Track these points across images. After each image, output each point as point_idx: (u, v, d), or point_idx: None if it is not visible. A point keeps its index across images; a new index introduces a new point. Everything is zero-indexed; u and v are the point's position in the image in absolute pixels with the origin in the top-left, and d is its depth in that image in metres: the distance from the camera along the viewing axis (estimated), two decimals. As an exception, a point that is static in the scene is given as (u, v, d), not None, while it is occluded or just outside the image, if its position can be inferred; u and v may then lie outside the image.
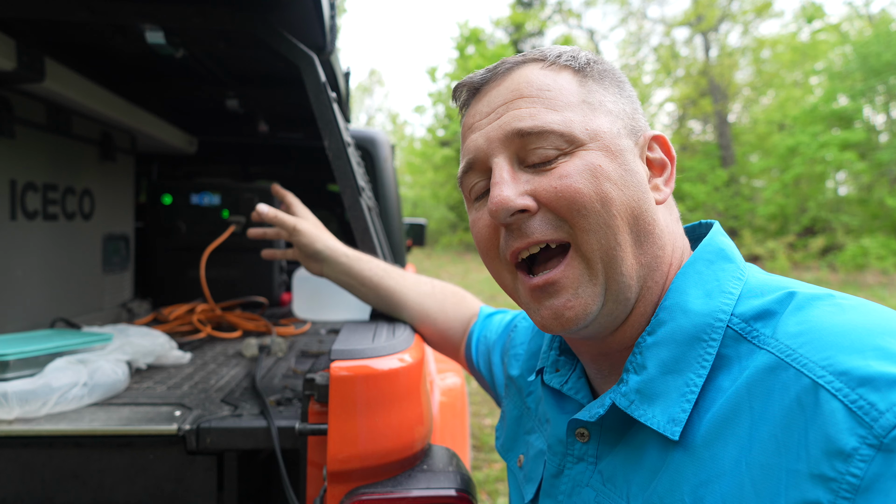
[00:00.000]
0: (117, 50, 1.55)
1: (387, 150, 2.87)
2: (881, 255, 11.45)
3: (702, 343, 0.58)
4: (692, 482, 0.54)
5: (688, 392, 0.57)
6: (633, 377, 0.62)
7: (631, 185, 0.63)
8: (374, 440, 0.84)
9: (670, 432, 0.56)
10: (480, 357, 1.10)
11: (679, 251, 0.68)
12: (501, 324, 1.07)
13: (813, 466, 0.46)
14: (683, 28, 20.03)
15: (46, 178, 1.51)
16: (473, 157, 0.69)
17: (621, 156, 0.64)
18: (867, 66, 12.71)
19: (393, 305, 1.15)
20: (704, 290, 0.61)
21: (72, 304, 1.63)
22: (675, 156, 0.71)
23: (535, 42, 22.64)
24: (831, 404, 0.46)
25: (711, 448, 0.54)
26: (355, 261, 1.15)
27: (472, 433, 4.10)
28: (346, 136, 1.35)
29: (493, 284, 11.76)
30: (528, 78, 0.67)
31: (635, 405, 0.60)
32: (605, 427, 0.66)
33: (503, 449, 0.93)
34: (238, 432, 0.93)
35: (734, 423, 0.53)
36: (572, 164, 0.62)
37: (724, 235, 0.68)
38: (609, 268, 0.62)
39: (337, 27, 1.49)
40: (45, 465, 0.92)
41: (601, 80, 0.68)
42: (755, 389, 0.52)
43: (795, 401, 0.49)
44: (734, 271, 0.63)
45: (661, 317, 0.62)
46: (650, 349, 0.61)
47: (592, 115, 0.65)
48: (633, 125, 0.68)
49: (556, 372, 0.77)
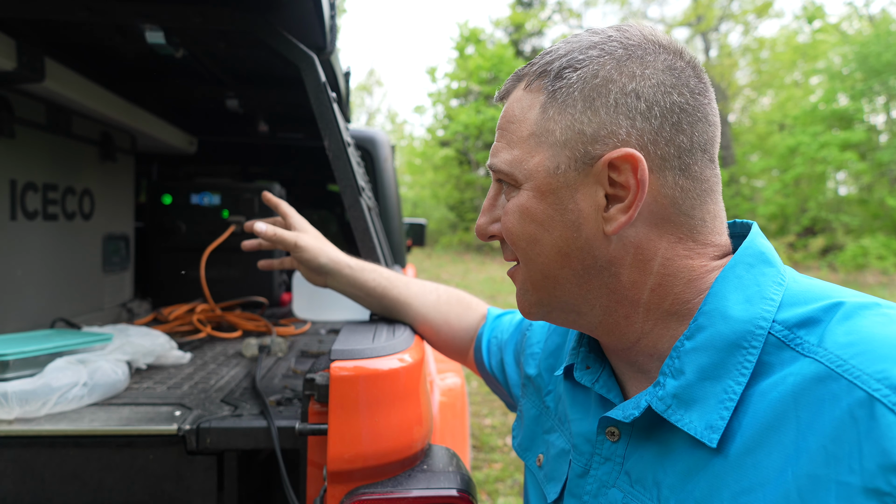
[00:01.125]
0: (117, 50, 1.55)
1: (387, 150, 2.87)
2: (881, 255, 11.46)
3: (742, 350, 0.57)
4: (733, 489, 0.53)
5: (726, 399, 0.56)
6: (671, 381, 0.61)
7: (558, 225, 0.65)
8: (374, 440, 0.84)
9: (708, 439, 0.56)
10: (493, 358, 1.09)
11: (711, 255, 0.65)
12: (512, 324, 1.06)
13: (867, 480, 0.45)
14: (684, 28, 20.03)
15: (46, 178, 1.51)
16: None
17: (552, 195, 0.64)
18: (867, 66, 12.71)
19: (399, 315, 1.15)
20: (745, 296, 0.60)
21: (72, 304, 1.63)
22: (644, 179, 0.60)
23: (535, 42, 22.65)
24: (888, 418, 0.46)
25: (753, 455, 0.53)
26: (359, 271, 1.13)
27: (472, 433, 4.09)
28: (346, 136, 1.35)
29: (493, 284, 11.77)
30: (510, 105, 0.71)
31: (672, 409, 0.60)
32: (636, 427, 0.66)
33: (521, 448, 0.92)
34: (238, 432, 0.93)
35: (779, 432, 0.52)
36: (513, 202, 0.68)
37: (763, 238, 0.67)
38: (543, 291, 0.69)
39: (337, 27, 1.49)
40: (45, 465, 0.92)
41: (568, 96, 0.63)
42: (802, 399, 0.52)
43: (848, 413, 0.48)
44: (775, 276, 0.62)
45: (701, 322, 0.61)
46: (689, 354, 0.61)
47: (535, 150, 0.65)
48: (586, 150, 0.62)
49: (587, 370, 0.76)
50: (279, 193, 2.14)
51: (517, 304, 0.75)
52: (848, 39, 14.55)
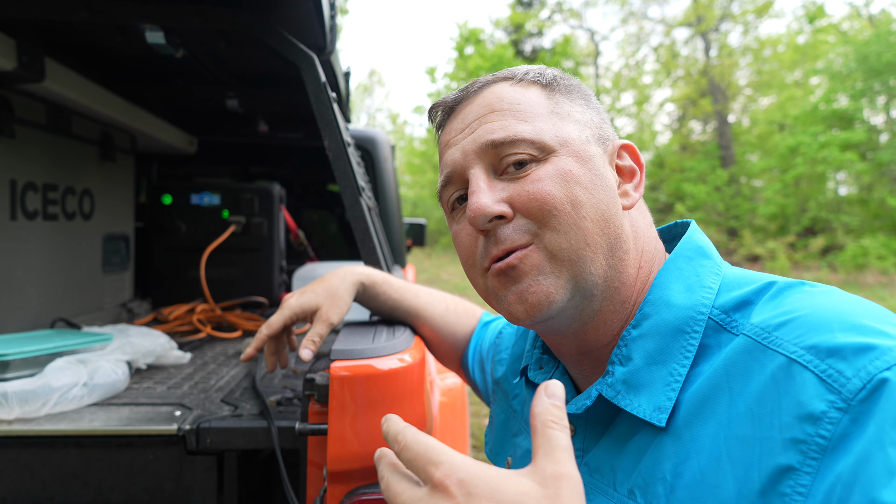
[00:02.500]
0: (117, 50, 1.55)
1: (387, 150, 2.87)
2: (881, 255, 11.45)
3: (685, 335, 0.61)
4: (673, 460, 0.56)
5: (672, 381, 0.60)
6: (619, 368, 0.64)
7: (600, 189, 0.66)
8: (374, 440, 0.84)
9: (657, 420, 0.59)
10: (475, 366, 1.10)
11: (650, 253, 0.70)
12: (494, 331, 1.08)
13: (785, 432, 0.49)
14: (684, 28, 20.04)
15: (46, 178, 1.51)
16: (451, 170, 0.72)
17: (590, 161, 0.67)
18: (867, 66, 12.71)
19: (409, 325, 1.13)
20: (686, 285, 0.65)
21: (72, 304, 1.63)
22: (644, 164, 0.74)
23: (534, 42, 22.64)
24: (803, 375, 0.50)
25: (691, 428, 0.56)
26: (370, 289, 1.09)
27: (472, 433, 4.09)
28: (346, 136, 1.35)
29: (493, 284, 11.74)
30: (498, 94, 0.71)
31: (622, 395, 0.63)
32: (590, 421, 0.68)
33: (492, 453, 0.93)
34: (238, 432, 0.93)
35: (713, 403, 0.55)
36: (544, 169, 0.65)
37: (701, 234, 0.72)
38: (576, 266, 0.64)
39: (337, 27, 1.49)
40: (45, 465, 0.92)
41: (568, 94, 0.72)
42: (732, 370, 0.55)
43: (770, 377, 0.52)
44: (712, 267, 0.67)
45: (646, 311, 0.65)
46: (635, 341, 0.64)
47: (561, 123, 0.68)
48: (601, 134, 0.71)
49: (541, 370, 0.79)
50: (279, 193, 2.14)
51: (528, 294, 0.64)
52: (848, 39, 14.55)
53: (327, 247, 3.41)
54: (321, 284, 1.04)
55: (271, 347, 1.04)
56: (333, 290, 1.02)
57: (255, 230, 2.08)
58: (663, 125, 21.30)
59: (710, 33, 18.93)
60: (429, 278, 12.63)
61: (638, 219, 0.71)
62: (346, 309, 1.03)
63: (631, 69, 21.63)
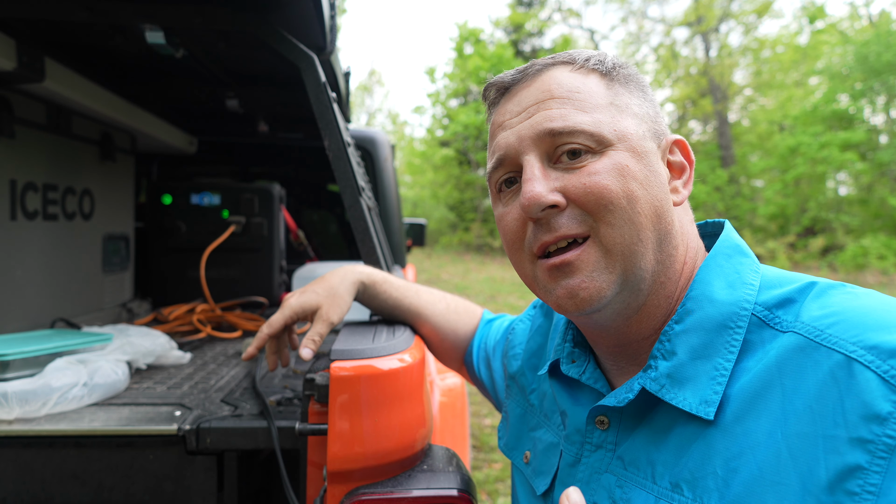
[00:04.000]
0: (117, 50, 1.55)
1: (387, 150, 2.87)
2: (882, 254, 11.45)
3: (729, 330, 0.62)
4: (724, 455, 0.57)
5: (718, 375, 0.60)
6: (663, 363, 0.64)
7: (654, 185, 0.66)
8: (374, 440, 0.84)
9: (704, 413, 0.59)
10: (481, 363, 1.10)
11: (693, 250, 0.71)
12: (500, 329, 1.08)
13: (851, 431, 0.49)
14: (684, 28, 20.04)
15: (46, 178, 1.51)
16: (504, 153, 0.71)
17: (646, 157, 0.67)
18: (867, 66, 12.70)
19: (410, 324, 1.13)
20: (727, 282, 0.65)
21: (72, 304, 1.63)
22: (695, 160, 0.74)
23: (534, 43, 22.63)
24: (865, 374, 0.50)
25: (742, 423, 0.57)
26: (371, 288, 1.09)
27: (472, 433, 4.10)
28: (346, 136, 1.35)
29: (492, 284, 11.77)
30: (558, 80, 0.70)
31: (666, 389, 0.63)
32: (626, 413, 0.68)
33: (507, 447, 0.93)
34: (238, 432, 0.93)
35: (765, 399, 0.56)
36: (601, 163, 0.65)
37: (736, 233, 0.73)
38: (628, 261, 0.64)
39: (337, 27, 1.49)
40: (45, 465, 0.92)
41: (627, 84, 0.72)
42: (785, 367, 0.56)
43: (829, 374, 0.52)
44: (751, 265, 0.68)
45: (689, 306, 0.65)
46: (679, 336, 0.64)
47: (620, 116, 0.68)
48: (656, 129, 0.71)
49: (573, 363, 0.79)
50: (279, 193, 2.14)
51: (579, 290, 0.64)
52: (848, 39, 14.54)
53: (327, 247, 3.41)
54: (321, 284, 1.04)
55: (272, 346, 1.04)
56: (334, 290, 1.02)
57: (255, 230, 2.08)
58: (663, 125, 21.26)
59: (710, 33, 18.92)
60: (429, 278, 12.64)
61: (683, 216, 0.71)
62: (347, 308, 1.03)
63: (631, 69, 21.57)
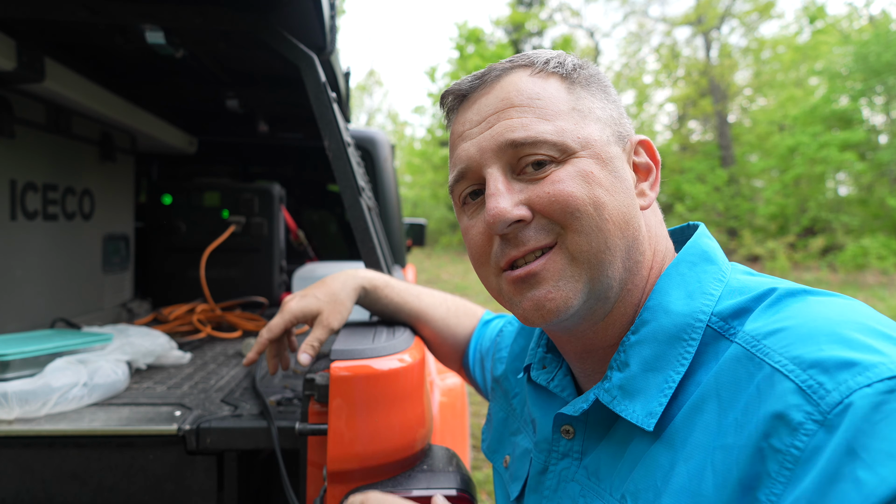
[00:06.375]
0: (117, 50, 1.55)
1: (387, 150, 2.87)
2: (881, 254, 11.44)
3: (682, 342, 0.61)
4: (665, 468, 0.56)
5: (665, 388, 0.60)
6: (617, 374, 0.64)
7: (621, 191, 0.65)
8: (374, 440, 0.84)
9: (646, 424, 0.59)
10: (476, 365, 1.11)
11: (661, 254, 0.69)
12: (494, 330, 1.08)
13: (763, 440, 0.49)
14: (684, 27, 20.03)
15: (46, 178, 1.51)
16: (466, 166, 0.69)
17: (611, 163, 0.66)
18: (867, 66, 12.70)
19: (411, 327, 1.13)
20: (686, 292, 0.64)
21: (72, 304, 1.63)
22: (660, 160, 0.72)
23: (535, 42, 22.62)
24: (784, 384, 0.49)
25: (681, 435, 0.56)
26: (372, 292, 1.09)
27: (472, 433, 4.09)
28: (346, 136, 1.35)
29: (493, 284, 11.74)
30: (517, 86, 0.67)
31: (617, 400, 0.63)
32: (590, 423, 0.68)
33: (489, 451, 0.93)
34: (238, 432, 0.93)
35: (702, 411, 0.55)
36: (564, 170, 0.64)
37: (709, 237, 0.70)
38: (595, 268, 0.63)
39: (337, 27, 1.49)
40: (45, 465, 0.92)
41: (588, 86, 0.69)
42: (722, 378, 0.55)
43: (755, 387, 0.52)
44: (716, 273, 0.66)
45: (645, 317, 0.64)
46: (633, 347, 0.64)
47: (583, 122, 0.66)
48: (619, 131, 0.69)
49: (543, 369, 0.79)
50: (279, 193, 2.14)
51: (546, 301, 0.63)
52: (848, 39, 14.54)
53: (327, 247, 3.41)
54: (322, 289, 1.03)
55: (272, 350, 1.03)
56: (335, 295, 1.01)
57: (255, 230, 2.08)
58: (663, 125, 21.30)
59: (712, 32, 18.92)
60: (429, 278, 12.63)
61: (651, 218, 0.70)
62: (347, 315, 1.02)
63: (631, 68, 21.62)
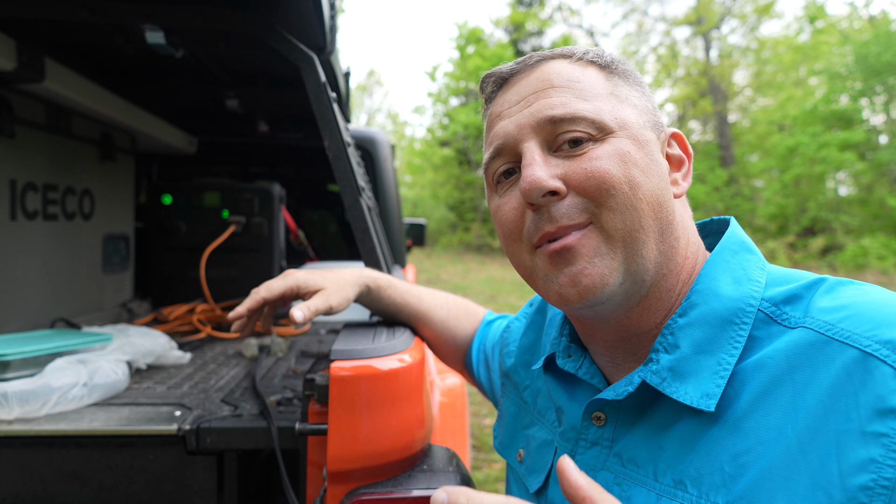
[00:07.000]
0: (117, 50, 1.55)
1: (387, 150, 2.87)
2: (881, 254, 11.45)
3: (734, 325, 0.62)
4: (731, 451, 0.56)
5: (720, 370, 0.60)
6: (665, 356, 0.64)
7: (655, 174, 0.66)
8: (374, 440, 0.84)
9: (705, 405, 0.59)
10: (480, 366, 1.10)
11: (694, 245, 0.70)
12: (498, 329, 1.08)
13: (865, 425, 0.49)
14: (684, 27, 20.03)
15: (46, 178, 1.51)
16: (503, 142, 0.70)
17: (647, 146, 0.67)
18: (867, 66, 12.70)
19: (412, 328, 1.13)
20: (733, 278, 0.65)
21: (72, 304, 1.63)
22: (693, 153, 0.74)
23: (534, 42, 22.62)
24: (882, 369, 0.50)
25: (751, 419, 0.56)
26: (375, 292, 1.09)
27: (472, 433, 4.10)
28: (346, 136, 1.35)
29: (493, 284, 11.76)
30: (557, 70, 0.69)
31: (667, 382, 0.62)
32: (623, 409, 0.67)
33: (501, 446, 0.93)
34: (238, 432, 0.93)
35: (774, 395, 0.56)
36: (602, 149, 0.64)
37: (742, 230, 0.73)
38: (629, 247, 0.63)
39: (337, 27, 1.49)
40: (45, 465, 0.92)
41: (625, 78, 0.72)
42: (795, 362, 0.56)
43: (843, 370, 0.52)
44: (757, 262, 0.67)
45: (693, 300, 0.65)
46: (682, 330, 0.64)
47: (620, 106, 0.68)
48: (655, 120, 0.71)
49: (569, 358, 0.78)
50: (279, 193, 2.14)
51: (582, 277, 0.63)
52: (848, 39, 14.54)
53: (327, 247, 3.41)
54: (330, 273, 1.04)
55: (259, 312, 0.99)
56: (341, 281, 1.02)
57: (255, 230, 2.08)
58: (663, 125, 21.26)
59: (711, 32, 18.91)
60: (429, 278, 12.63)
61: (682, 211, 0.71)
62: (347, 303, 1.02)
63: (631, 69, 21.57)
